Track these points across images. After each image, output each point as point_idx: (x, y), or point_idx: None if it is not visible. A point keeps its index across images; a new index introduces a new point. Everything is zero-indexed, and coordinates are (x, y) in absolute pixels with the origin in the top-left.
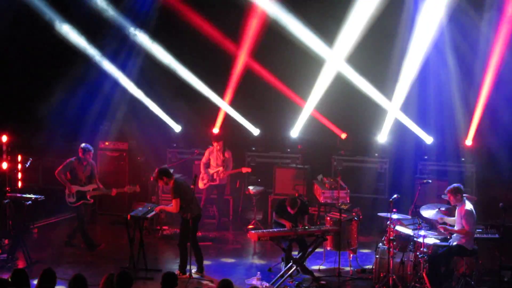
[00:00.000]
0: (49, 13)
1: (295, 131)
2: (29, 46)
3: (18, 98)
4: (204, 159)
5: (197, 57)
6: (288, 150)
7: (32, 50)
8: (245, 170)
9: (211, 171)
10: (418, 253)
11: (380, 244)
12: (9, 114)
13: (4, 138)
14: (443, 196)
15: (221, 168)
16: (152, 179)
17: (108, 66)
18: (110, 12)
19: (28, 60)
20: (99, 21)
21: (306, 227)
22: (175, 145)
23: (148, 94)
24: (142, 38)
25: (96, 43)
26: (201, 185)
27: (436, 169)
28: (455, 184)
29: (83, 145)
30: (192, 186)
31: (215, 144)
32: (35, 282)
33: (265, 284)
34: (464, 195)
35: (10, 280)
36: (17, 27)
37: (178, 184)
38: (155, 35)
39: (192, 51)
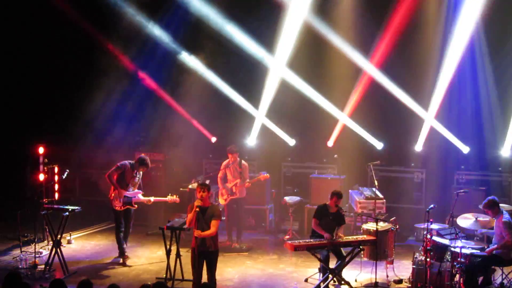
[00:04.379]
0: (88, 24)
1: (331, 141)
2: (69, 59)
3: (55, 110)
4: (220, 174)
5: (232, 68)
6: (324, 160)
7: (71, 62)
8: (263, 177)
9: (229, 185)
10: (455, 263)
11: (417, 254)
12: (46, 126)
13: (41, 150)
14: (480, 206)
15: (238, 180)
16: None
17: (145, 78)
18: (147, 25)
19: (65, 72)
20: (135, 34)
21: (343, 238)
22: (211, 155)
23: (183, 105)
24: (178, 50)
25: (133, 55)
26: (221, 201)
27: (473, 179)
28: (489, 198)
29: (143, 156)
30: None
31: (230, 156)
32: None
33: None
34: (501, 205)
35: None
36: (57, 39)
37: None
38: (190, 47)
39: (227, 62)
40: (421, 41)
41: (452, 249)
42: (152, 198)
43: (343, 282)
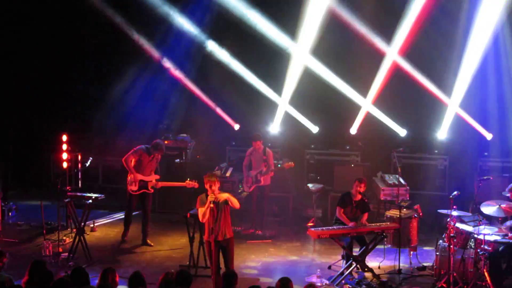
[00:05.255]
0: (111, 13)
1: (354, 129)
2: (90, 46)
3: (79, 97)
4: (245, 162)
5: (256, 55)
6: (348, 147)
7: (92, 49)
8: (287, 165)
9: (253, 172)
10: (478, 250)
11: (441, 241)
12: (69, 113)
13: (64, 138)
14: (503, 193)
15: (263, 168)
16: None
17: (168, 65)
18: (171, 12)
19: (87, 60)
20: (158, 21)
21: (367, 225)
22: (234, 143)
23: (207, 92)
24: (201, 38)
25: (155, 43)
26: (247, 188)
27: (497, 166)
28: None
29: (158, 141)
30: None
31: (254, 144)
32: (96, 281)
33: (325, 281)
34: None
35: (69, 277)
36: (79, 28)
37: None
38: (214, 35)
39: (250, 49)
40: (445, 27)
41: (476, 236)
42: (168, 183)
43: (366, 269)
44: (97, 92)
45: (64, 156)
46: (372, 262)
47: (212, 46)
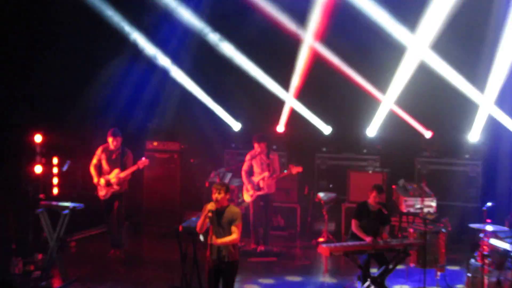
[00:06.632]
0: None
1: (373, 130)
2: (72, 36)
3: (55, 93)
4: (245, 167)
5: (259, 44)
6: (365, 151)
7: (74, 39)
8: (295, 170)
9: (255, 179)
10: None
11: (472, 260)
12: (45, 111)
13: (38, 138)
14: None
15: (266, 174)
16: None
17: (158, 57)
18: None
19: (70, 50)
20: (146, 6)
21: (387, 241)
22: (233, 145)
23: (203, 87)
24: (198, 26)
25: (145, 31)
26: (247, 197)
27: None
28: None
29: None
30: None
31: (256, 146)
32: None
33: None
34: None
35: None
36: (63, 21)
37: None
38: (212, 23)
39: (253, 37)
40: (477, 12)
41: None
42: (126, 171)
43: None
44: (77, 86)
45: (38, 159)
46: (393, 284)
47: (210, 36)
